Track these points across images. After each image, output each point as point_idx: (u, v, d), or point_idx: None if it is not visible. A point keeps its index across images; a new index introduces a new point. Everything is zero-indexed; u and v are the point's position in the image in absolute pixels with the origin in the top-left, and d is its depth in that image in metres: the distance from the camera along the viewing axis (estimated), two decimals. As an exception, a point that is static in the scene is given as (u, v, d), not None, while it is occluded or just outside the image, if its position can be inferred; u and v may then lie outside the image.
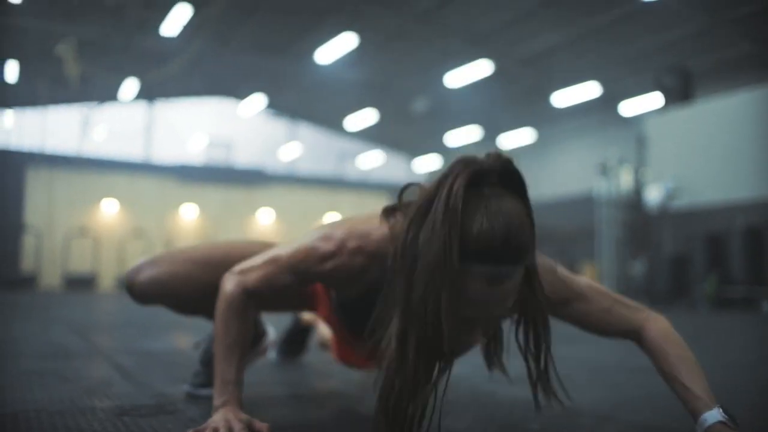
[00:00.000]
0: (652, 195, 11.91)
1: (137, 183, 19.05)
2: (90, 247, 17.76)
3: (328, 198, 21.99)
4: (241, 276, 1.28)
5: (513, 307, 1.03)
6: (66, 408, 1.48)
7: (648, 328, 1.29)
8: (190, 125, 20.32)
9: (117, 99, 18.37)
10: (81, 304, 8.21)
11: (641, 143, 13.04)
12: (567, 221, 18.06)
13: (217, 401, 1.22)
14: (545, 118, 18.98)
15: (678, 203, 11.55)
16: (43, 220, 17.54)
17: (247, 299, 1.28)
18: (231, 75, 18.57)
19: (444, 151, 23.17)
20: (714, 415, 1.10)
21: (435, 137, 21.94)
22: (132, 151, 19.39)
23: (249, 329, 1.31)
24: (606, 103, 16.86)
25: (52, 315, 5.63)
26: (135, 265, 1.53)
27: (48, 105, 17.78)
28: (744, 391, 2.14)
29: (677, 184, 11.47)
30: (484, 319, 1.01)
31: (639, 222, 13.17)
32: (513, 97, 18.26)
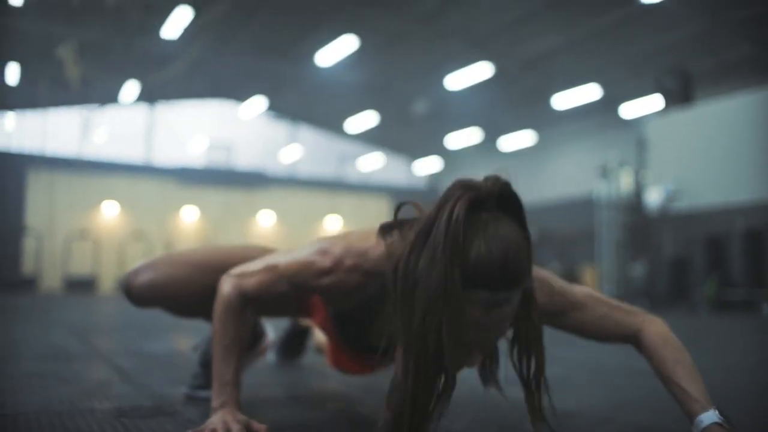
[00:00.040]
0: (652, 197, 11.91)
1: (138, 185, 19.06)
2: (90, 250, 17.76)
3: (328, 200, 22.00)
4: (239, 279, 1.29)
5: (509, 328, 1.04)
6: (65, 409, 1.49)
7: (645, 331, 1.30)
8: (190, 127, 20.33)
9: (118, 101, 18.38)
10: (81, 306, 8.21)
11: (641, 146, 13.04)
12: (567, 223, 18.07)
13: (216, 402, 1.23)
14: (545, 120, 18.99)
15: (678, 206, 11.55)
16: (44, 222, 17.54)
17: (245, 301, 1.29)
18: (231, 77, 18.58)
19: (444, 153, 23.18)
20: (710, 417, 1.11)
21: (435, 139, 21.95)
22: (132, 154, 19.38)
23: (247, 330, 1.32)
24: (606, 106, 16.87)
25: (52, 317, 5.64)
26: (133, 268, 1.53)
27: (48, 107, 17.78)
28: (744, 394, 2.14)
29: (677, 186, 11.47)
30: (481, 342, 1.01)
31: (639, 224, 13.17)
32: (513, 100, 18.28)
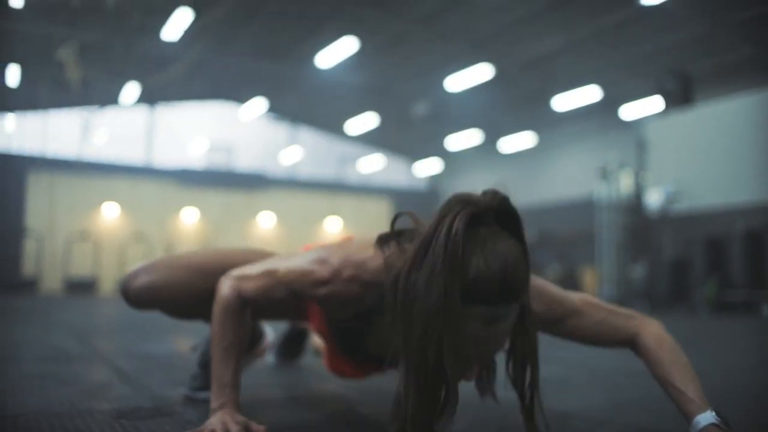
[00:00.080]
0: (652, 199, 11.90)
1: (138, 187, 19.07)
2: (91, 251, 17.76)
3: (328, 202, 22.01)
4: (238, 281, 1.30)
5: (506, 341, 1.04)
6: (65, 411, 1.50)
7: (642, 334, 1.31)
8: (190, 129, 20.33)
9: (118, 103, 18.37)
10: (82, 307, 8.21)
11: (641, 147, 13.04)
12: (567, 225, 18.07)
13: (214, 404, 1.23)
14: (546, 121, 18.99)
15: (678, 207, 11.54)
16: (44, 223, 17.55)
17: (244, 303, 1.30)
18: (232, 79, 18.59)
19: (445, 155, 23.18)
20: (707, 418, 1.11)
21: (436, 141, 21.95)
22: (133, 155, 19.39)
23: (246, 332, 1.32)
24: (606, 107, 16.87)
25: (52, 319, 5.64)
26: (131, 271, 1.52)
27: (49, 109, 17.80)
28: (744, 395, 2.14)
29: (677, 187, 11.46)
30: (479, 355, 1.02)
31: (639, 226, 13.16)
32: (513, 101, 18.28)
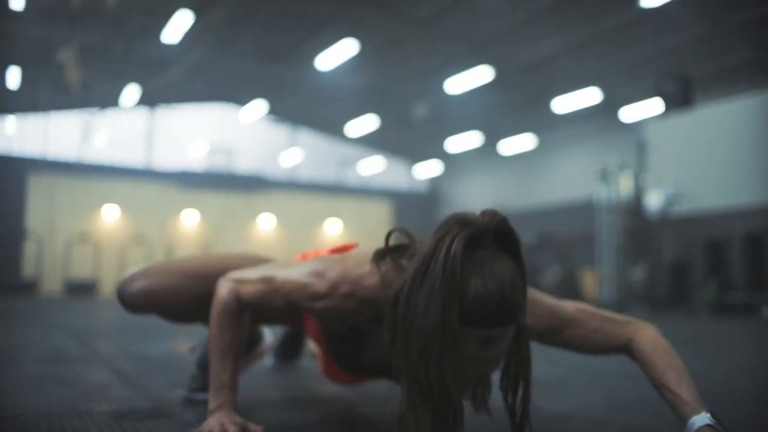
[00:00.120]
0: (652, 201, 11.89)
1: (138, 189, 19.08)
2: (91, 253, 17.77)
3: (328, 204, 22.01)
4: (237, 284, 1.30)
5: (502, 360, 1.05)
6: (64, 412, 1.50)
7: (637, 339, 1.32)
8: (191, 131, 20.34)
9: (118, 105, 18.40)
10: (81, 309, 8.21)
11: (641, 149, 13.04)
12: (567, 227, 18.07)
13: (213, 405, 1.24)
14: (545, 124, 19.00)
15: (678, 209, 11.53)
16: (44, 226, 17.56)
17: (242, 306, 1.30)
18: (232, 81, 18.61)
19: (445, 157, 23.19)
20: (702, 419, 1.12)
21: (435, 143, 21.96)
22: (133, 157, 19.41)
23: (243, 334, 1.33)
24: (606, 109, 16.88)
25: (52, 321, 5.64)
26: (128, 275, 1.52)
27: (49, 111, 17.81)
28: (744, 397, 2.15)
29: (677, 190, 11.45)
30: (476, 375, 1.02)
31: (639, 228, 13.15)
32: (513, 103, 18.30)
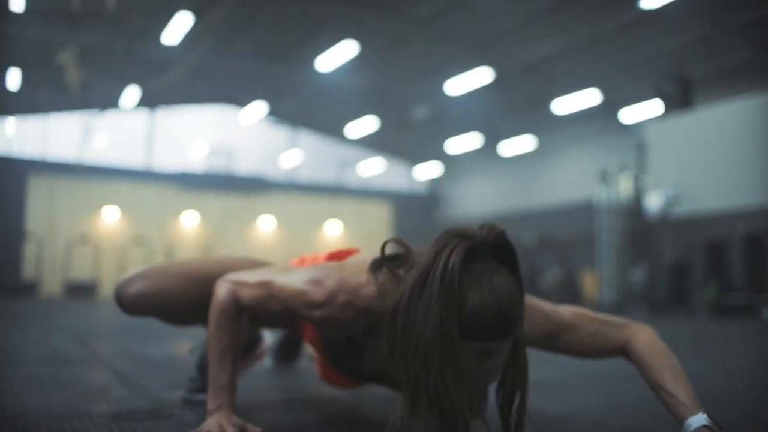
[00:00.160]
0: (652, 202, 11.89)
1: (138, 190, 19.09)
2: (91, 255, 17.77)
3: (329, 205, 22.02)
4: (236, 286, 1.30)
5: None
6: (64, 412, 1.50)
7: (633, 341, 1.32)
8: (191, 133, 20.35)
9: (118, 106, 18.41)
10: (81, 311, 8.22)
11: (641, 150, 13.04)
12: (567, 228, 18.08)
13: (211, 406, 1.24)
14: (545, 125, 19.01)
15: (678, 210, 11.54)
16: (44, 227, 17.56)
17: (240, 308, 1.30)
18: (232, 82, 18.62)
19: (445, 158, 23.19)
20: (699, 420, 1.13)
21: (436, 144, 21.97)
22: (133, 159, 19.42)
23: (242, 335, 1.33)
24: (606, 111, 16.88)
25: (52, 322, 5.65)
26: (126, 277, 1.51)
27: (49, 112, 17.82)
28: (744, 398, 2.15)
29: (677, 191, 11.46)
30: (473, 387, 1.02)
31: (639, 229, 13.15)
32: (513, 105, 18.30)
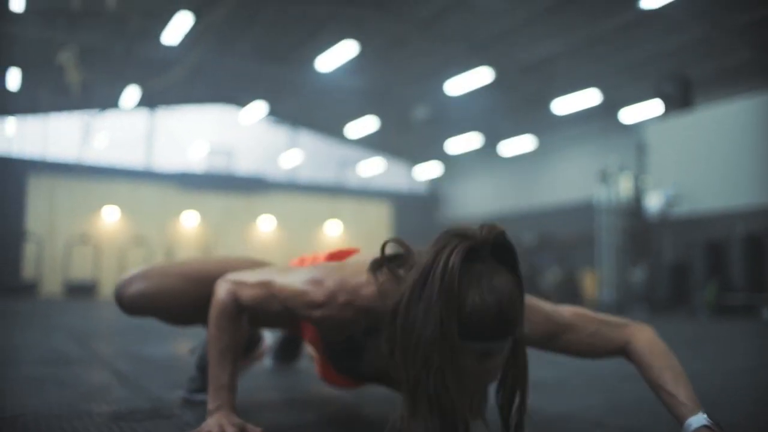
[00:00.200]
0: (652, 202, 11.89)
1: (138, 190, 19.09)
2: (91, 255, 17.77)
3: (328, 205, 22.02)
4: (236, 286, 1.30)
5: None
6: (64, 412, 1.50)
7: (633, 341, 1.32)
8: (191, 133, 20.35)
9: (118, 106, 18.41)
10: (81, 311, 8.22)
11: (641, 150, 13.04)
12: (567, 228, 18.07)
13: (211, 405, 1.24)
14: (545, 125, 19.00)
15: (678, 210, 11.53)
16: (44, 227, 17.56)
17: (240, 308, 1.30)
18: (232, 82, 18.62)
19: (445, 158, 23.19)
20: (699, 420, 1.13)
21: (435, 144, 21.97)
22: (133, 159, 19.42)
23: (242, 335, 1.33)
24: (606, 111, 16.88)
25: (52, 322, 5.65)
26: (126, 277, 1.51)
27: (49, 112, 17.82)
28: (744, 398, 2.15)
29: (677, 191, 11.45)
30: (473, 387, 1.02)
31: (639, 229, 13.15)
32: (513, 105, 18.30)
